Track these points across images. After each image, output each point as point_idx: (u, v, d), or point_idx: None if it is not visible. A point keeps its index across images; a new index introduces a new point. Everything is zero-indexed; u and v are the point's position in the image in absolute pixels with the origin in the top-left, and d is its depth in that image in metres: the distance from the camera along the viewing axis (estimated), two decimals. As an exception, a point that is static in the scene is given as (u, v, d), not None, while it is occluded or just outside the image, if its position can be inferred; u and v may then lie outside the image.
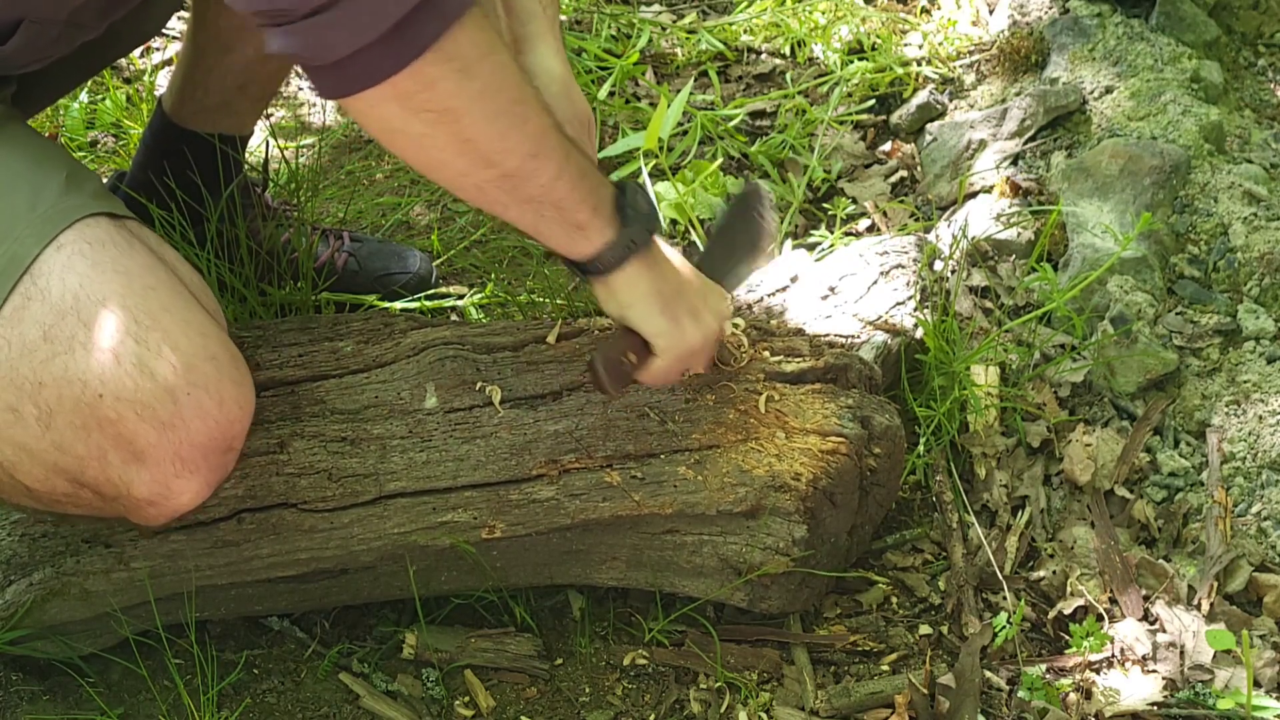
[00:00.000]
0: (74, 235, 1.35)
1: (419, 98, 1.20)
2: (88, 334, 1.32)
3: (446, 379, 1.65)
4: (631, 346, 1.52)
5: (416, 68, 1.17)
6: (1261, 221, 2.15)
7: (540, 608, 1.77)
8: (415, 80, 1.18)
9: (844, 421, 1.67)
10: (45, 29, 1.44)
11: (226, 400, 1.38)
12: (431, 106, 1.21)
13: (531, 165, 1.31)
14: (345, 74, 1.17)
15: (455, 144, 1.26)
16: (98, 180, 1.47)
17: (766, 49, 2.78)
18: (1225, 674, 1.64)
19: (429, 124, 1.23)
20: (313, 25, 1.13)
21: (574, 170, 1.35)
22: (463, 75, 1.20)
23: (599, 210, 1.40)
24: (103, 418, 1.33)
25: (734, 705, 1.66)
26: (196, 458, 1.38)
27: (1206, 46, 2.50)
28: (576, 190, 1.36)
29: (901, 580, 1.83)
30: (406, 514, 1.58)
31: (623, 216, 1.42)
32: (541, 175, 1.32)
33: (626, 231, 1.42)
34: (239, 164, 1.94)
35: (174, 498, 1.39)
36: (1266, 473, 1.86)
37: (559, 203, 1.36)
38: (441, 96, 1.21)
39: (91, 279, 1.34)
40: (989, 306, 2.15)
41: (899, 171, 2.51)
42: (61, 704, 1.61)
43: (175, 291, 1.38)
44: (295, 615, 1.73)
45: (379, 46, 1.15)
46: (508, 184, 1.32)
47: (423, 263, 2.15)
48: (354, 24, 1.13)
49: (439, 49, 1.17)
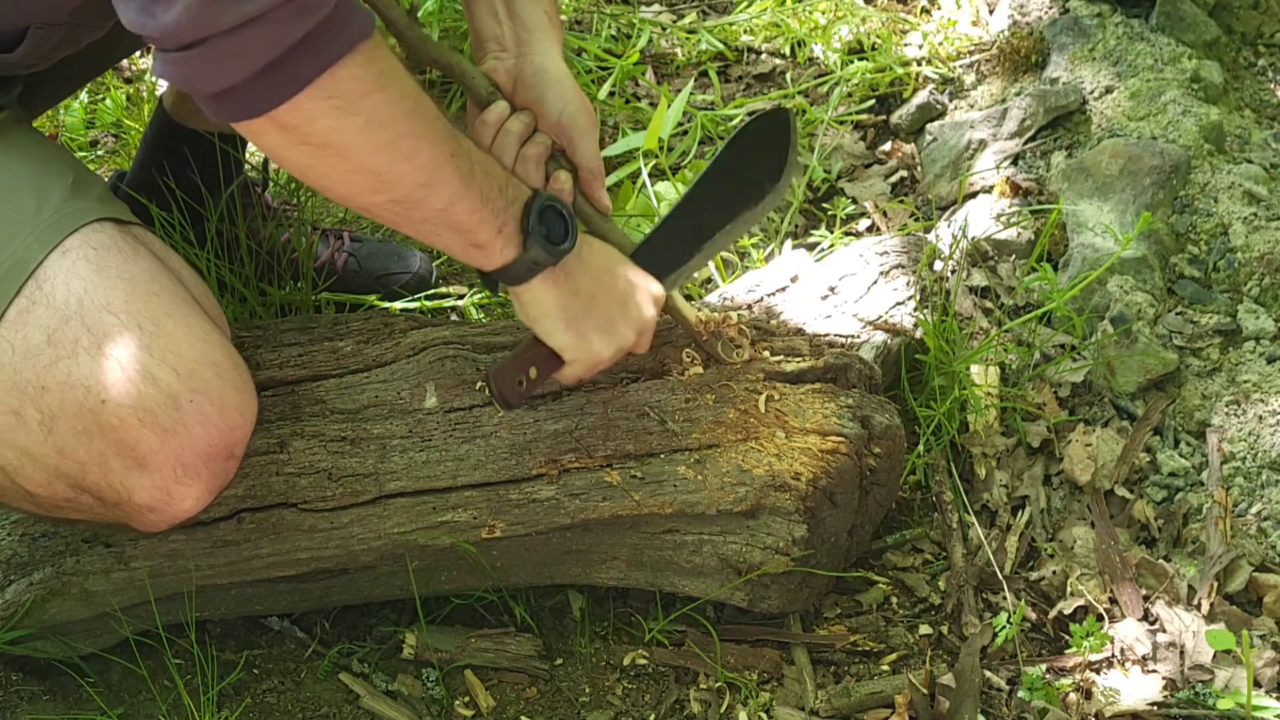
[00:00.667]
0: (79, 240, 1.35)
1: (298, 132, 1.21)
2: (91, 339, 1.32)
3: (446, 379, 1.65)
4: (535, 359, 1.54)
5: (293, 104, 1.17)
6: (1261, 221, 2.15)
7: (540, 608, 1.77)
8: (293, 116, 1.19)
9: (844, 421, 1.67)
10: (50, 32, 1.44)
11: (228, 407, 1.38)
12: (311, 140, 1.22)
13: (422, 194, 1.31)
14: (224, 104, 1.18)
15: (339, 174, 1.28)
16: (103, 185, 1.47)
17: (766, 49, 2.78)
18: (1225, 674, 1.64)
19: (310, 156, 1.24)
20: (184, 58, 1.14)
21: (473, 196, 1.35)
22: (342, 112, 1.20)
23: (502, 231, 1.40)
24: (105, 423, 1.33)
25: (734, 705, 1.66)
26: (198, 464, 1.38)
27: (1206, 46, 2.50)
28: (474, 214, 1.36)
29: (901, 580, 1.83)
30: (406, 514, 1.58)
31: (526, 239, 1.42)
32: (435, 201, 1.32)
33: (529, 255, 1.42)
34: (239, 163, 1.94)
35: (175, 504, 1.39)
36: (1266, 473, 1.86)
37: (455, 225, 1.36)
38: (320, 131, 1.21)
39: (96, 284, 1.34)
40: (989, 306, 2.15)
41: (899, 171, 2.51)
42: (61, 704, 1.61)
43: (179, 298, 1.38)
44: (295, 615, 1.73)
45: (253, 83, 1.15)
46: (398, 208, 1.33)
47: (423, 263, 2.15)
48: (223, 63, 1.14)
49: (317, 87, 1.17)
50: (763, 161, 1.69)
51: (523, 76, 1.55)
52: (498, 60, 1.56)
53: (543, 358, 1.54)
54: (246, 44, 1.12)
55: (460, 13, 2.59)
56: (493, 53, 1.57)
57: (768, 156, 1.69)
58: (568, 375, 1.56)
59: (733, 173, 1.67)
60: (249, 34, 1.12)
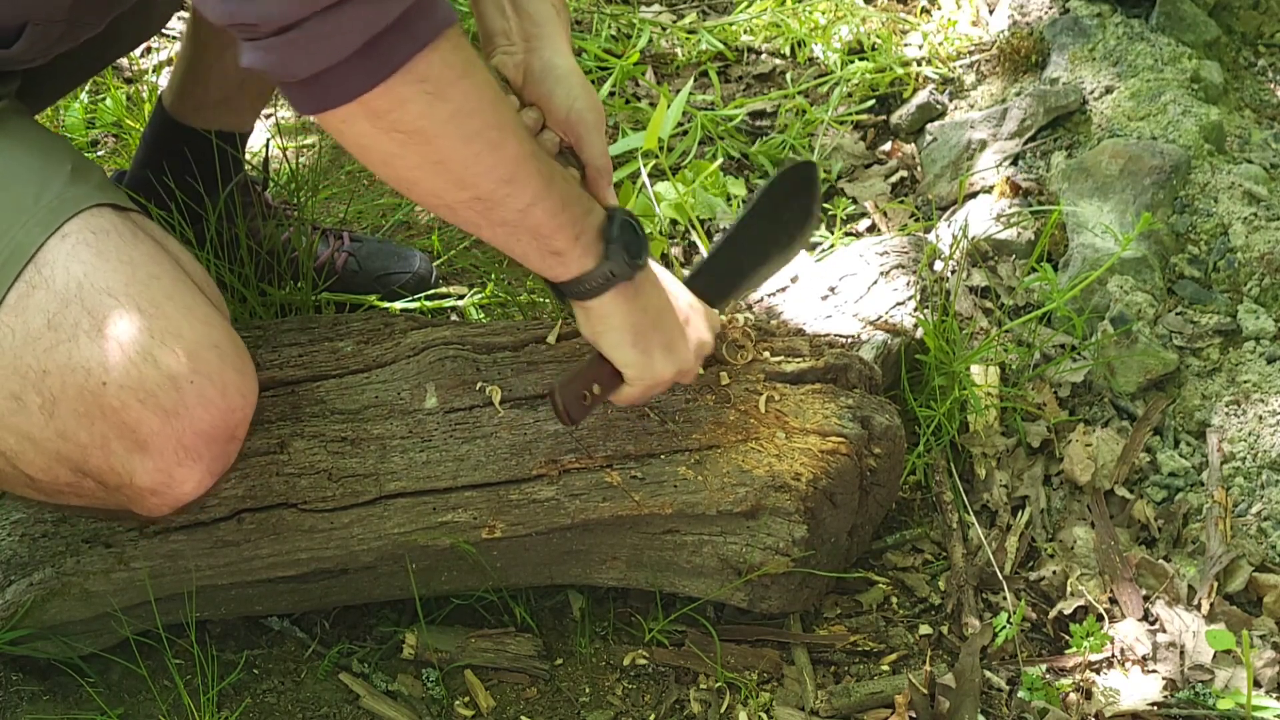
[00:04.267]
0: (79, 224, 1.35)
1: (389, 117, 1.20)
2: (92, 322, 1.32)
3: (446, 379, 1.65)
4: (599, 376, 1.52)
5: (386, 88, 1.16)
6: (1261, 221, 2.15)
7: (540, 608, 1.77)
8: (385, 100, 1.18)
9: (844, 421, 1.67)
10: (49, 28, 1.44)
11: (229, 389, 1.37)
12: (402, 127, 1.21)
13: (505, 190, 1.30)
14: (315, 91, 1.17)
15: (426, 165, 1.26)
16: (102, 173, 1.47)
17: (766, 49, 2.78)
18: (1225, 674, 1.64)
19: (399, 144, 1.23)
20: (281, 43, 1.13)
21: (555, 198, 1.34)
22: (434, 97, 1.20)
23: (580, 239, 1.39)
24: (106, 405, 1.32)
25: (734, 705, 1.66)
26: (199, 446, 1.37)
27: (1206, 46, 2.50)
28: (555, 218, 1.35)
29: (901, 580, 1.83)
30: (406, 514, 1.58)
31: (605, 248, 1.41)
32: (517, 201, 1.31)
33: (606, 264, 1.41)
34: (239, 162, 1.94)
35: (177, 486, 1.39)
36: (1266, 473, 1.86)
37: (535, 229, 1.35)
38: (412, 117, 1.20)
39: (96, 267, 1.34)
40: (989, 306, 2.15)
41: (899, 171, 2.51)
42: (61, 704, 1.61)
43: (179, 281, 1.38)
44: (295, 615, 1.73)
45: (347, 66, 1.15)
46: (480, 206, 1.32)
47: (423, 263, 2.14)
48: (320, 44, 1.13)
49: (410, 70, 1.17)
50: (793, 210, 1.71)
51: (531, 72, 1.54)
52: (506, 55, 1.56)
53: (605, 375, 1.52)
54: (343, 25, 1.12)
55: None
56: (501, 48, 1.56)
57: (797, 205, 1.71)
58: (625, 396, 1.55)
59: (766, 219, 1.69)
60: (345, 14, 1.11)
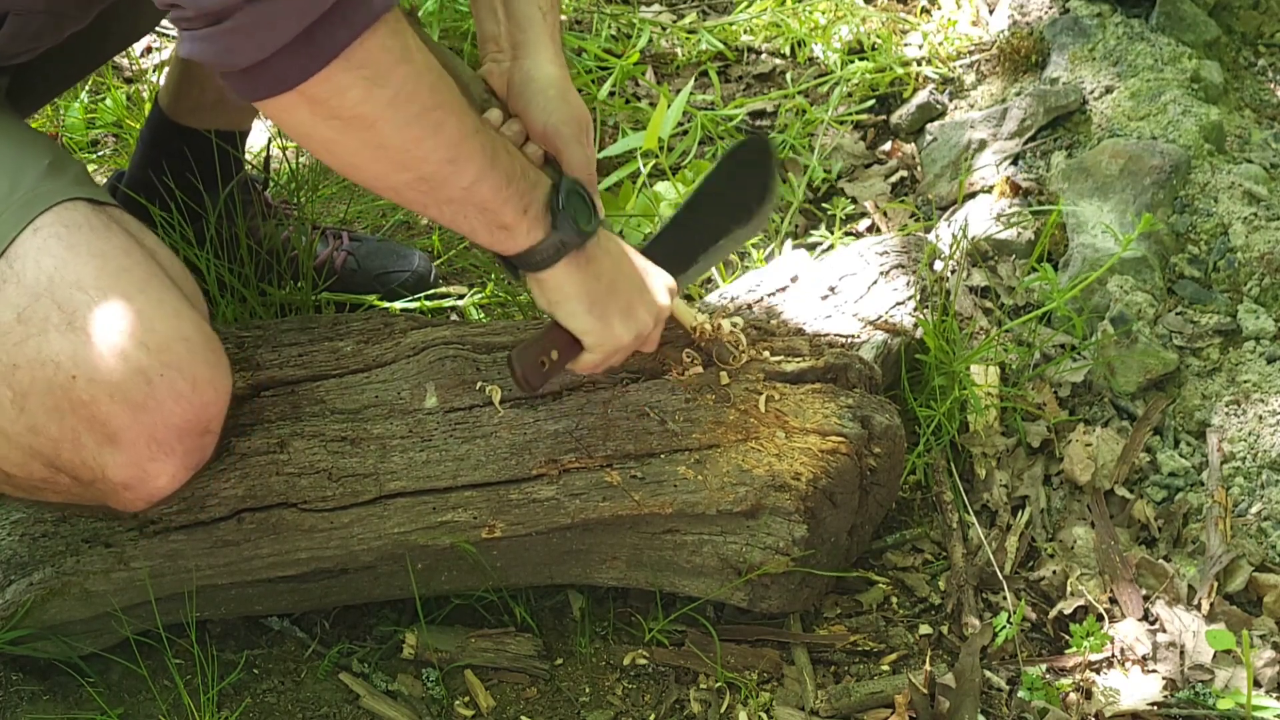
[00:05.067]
0: (51, 219, 1.35)
1: (328, 105, 1.21)
2: (61, 316, 1.32)
3: (446, 379, 1.65)
4: (556, 343, 1.54)
5: (324, 76, 1.17)
6: (1261, 221, 2.15)
7: (540, 608, 1.77)
8: (324, 88, 1.19)
9: (844, 421, 1.67)
10: (28, 20, 1.44)
11: (200, 382, 1.37)
12: (341, 114, 1.22)
13: (449, 170, 1.31)
14: (252, 80, 1.18)
15: (368, 149, 1.27)
16: (81, 167, 1.47)
17: (766, 49, 2.78)
18: (1225, 674, 1.64)
19: (339, 130, 1.24)
20: (215, 33, 1.14)
21: (499, 174, 1.35)
22: (372, 84, 1.21)
23: (527, 211, 1.40)
24: (76, 400, 1.32)
25: (734, 705, 1.66)
26: (171, 440, 1.37)
27: (1206, 46, 2.50)
28: (500, 193, 1.36)
29: (901, 580, 1.83)
30: (406, 514, 1.58)
31: (554, 218, 1.42)
32: (461, 179, 1.32)
33: (556, 234, 1.42)
34: (238, 161, 1.94)
35: (150, 480, 1.38)
36: (1266, 473, 1.86)
37: (481, 205, 1.36)
38: (351, 104, 1.21)
39: (66, 261, 1.33)
40: (989, 306, 2.15)
41: (899, 171, 2.51)
42: (61, 704, 1.61)
43: (150, 274, 1.38)
44: (295, 615, 1.73)
45: (284, 55, 1.16)
46: (425, 187, 1.33)
47: (422, 262, 2.14)
48: (255, 34, 1.14)
49: (347, 57, 1.18)
50: (749, 184, 1.72)
51: (513, 83, 1.54)
52: (495, 63, 1.56)
53: (564, 342, 1.54)
54: (277, 14, 1.13)
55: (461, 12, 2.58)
56: (491, 54, 1.57)
57: (753, 180, 1.72)
58: (585, 363, 1.56)
59: (721, 193, 1.70)
60: (279, 3, 1.12)
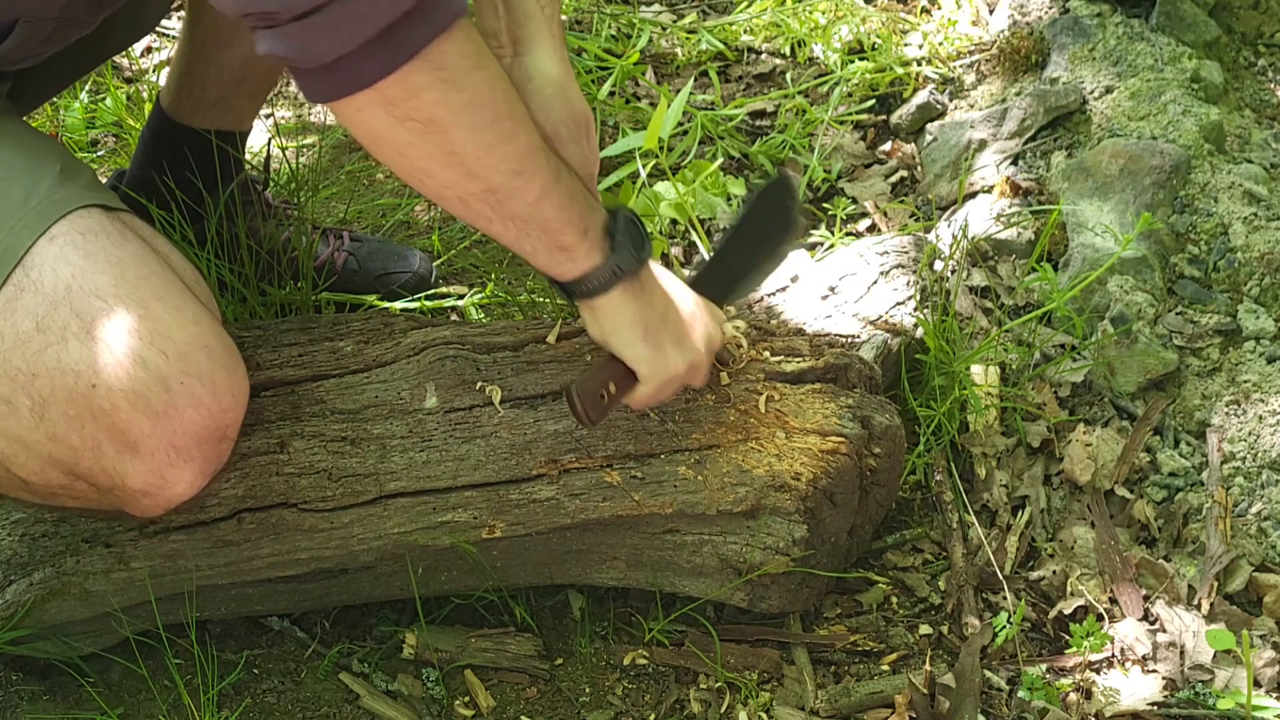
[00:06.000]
0: (66, 226, 1.35)
1: (404, 105, 1.21)
2: (80, 324, 1.32)
3: (446, 379, 1.65)
4: (613, 376, 1.53)
5: (402, 75, 1.18)
6: (1261, 221, 2.15)
7: (540, 608, 1.77)
8: (401, 88, 1.19)
9: (844, 421, 1.67)
10: (39, 27, 1.44)
11: (219, 388, 1.37)
12: (417, 115, 1.22)
13: (517, 182, 1.31)
14: (331, 78, 1.18)
15: (440, 154, 1.27)
16: (92, 173, 1.47)
17: (766, 49, 2.78)
18: (1225, 674, 1.64)
19: (414, 133, 1.23)
20: (299, 29, 1.14)
21: (562, 191, 1.36)
22: (449, 86, 1.21)
23: (587, 234, 1.40)
24: (96, 408, 1.32)
25: (734, 705, 1.66)
26: (190, 447, 1.37)
27: (1206, 46, 2.50)
28: (564, 212, 1.36)
29: (901, 580, 1.83)
30: (406, 514, 1.58)
31: (611, 243, 1.42)
32: (527, 193, 1.33)
33: (613, 258, 1.42)
34: (239, 161, 1.94)
35: (169, 487, 1.39)
36: (1266, 473, 1.86)
37: (544, 223, 1.36)
38: (427, 105, 1.21)
39: (84, 269, 1.34)
40: (989, 306, 2.15)
41: (899, 171, 2.51)
42: (61, 704, 1.61)
43: (168, 281, 1.38)
44: (295, 615, 1.73)
45: (365, 52, 1.16)
46: (492, 199, 1.32)
47: (422, 262, 2.14)
48: (339, 29, 1.14)
49: (425, 57, 1.18)
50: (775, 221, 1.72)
51: (514, 79, 1.53)
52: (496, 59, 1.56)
53: (619, 375, 1.53)
54: (363, 10, 1.13)
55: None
56: (492, 50, 1.57)
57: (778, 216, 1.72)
58: (639, 397, 1.55)
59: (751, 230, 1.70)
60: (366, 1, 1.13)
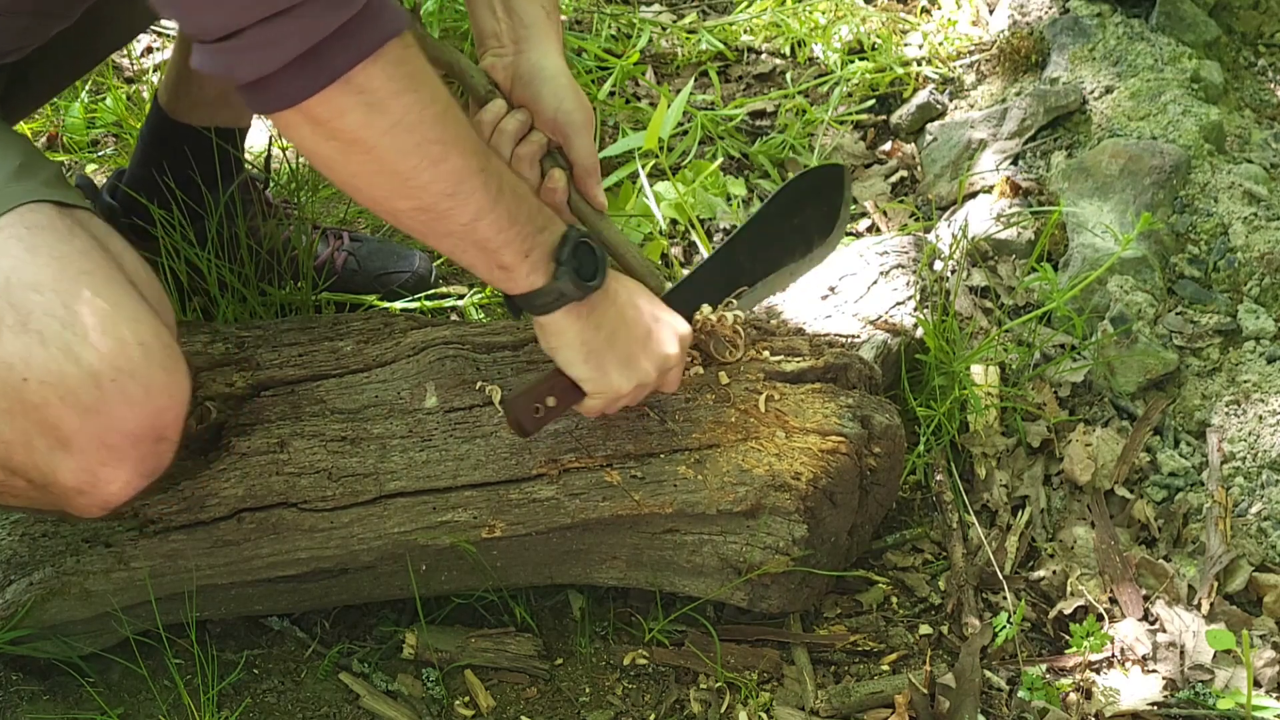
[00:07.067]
0: (13, 220, 1.34)
1: (328, 126, 1.23)
2: (16, 317, 1.30)
3: (446, 379, 1.65)
4: (554, 389, 1.53)
5: (324, 96, 1.20)
6: (1261, 221, 2.15)
7: (540, 608, 1.77)
8: (324, 108, 1.22)
9: (844, 421, 1.67)
10: (13, 19, 1.44)
11: (154, 388, 1.34)
12: (340, 136, 1.24)
13: (448, 204, 1.32)
14: (258, 95, 1.22)
15: (366, 174, 1.29)
16: (56, 169, 1.46)
17: (766, 49, 2.78)
18: (1225, 674, 1.64)
19: (340, 151, 1.26)
20: (225, 49, 1.18)
21: (501, 214, 1.35)
22: (372, 109, 1.23)
23: (528, 256, 1.40)
24: (27, 402, 1.31)
25: (734, 705, 1.66)
26: (124, 446, 1.35)
27: (1206, 46, 2.50)
28: (502, 234, 1.37)
29: (901, 580, 1.83)
30: (406, 513, 1.58)
31: (556, 268, 1.42)
32: (460, 215, 1.33)
33: (556, 285, 1.42)
34: (239, 160, 1.94)
35: (102, 486, 1.36)
36: (1266, 473, 1.86)
37: (480, 243, 1.37)
38: (350, 128, 1.24)
39: (25, 262, 1.33)
40: (989, 306, 2.15)
41: (899, 171, 2.51)
42: (61, 704, 1.61)
43: (110, 279, 1.36)
44: (295, 615, 1.73)
45: (287, 73, 1.19)
46: (424, 217, 1.34)
47: (422, 262, 2.14)
48: (260, 52, 1.18)
49: (348, 81, 1.20)
50: (813, 214, 1.67)
51: (519, 74, 1.56)
52: (496, 57, 1.57)
53: (562, 388, 1.53)
54: (281, 35, 1.16)
55: (461, 12, 2.58)
56: (492, 49, 1.58)
57: (818, 210, 1.66)
58: (588, 407, 1.56)
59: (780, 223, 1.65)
60: (283, 25, 1.16)
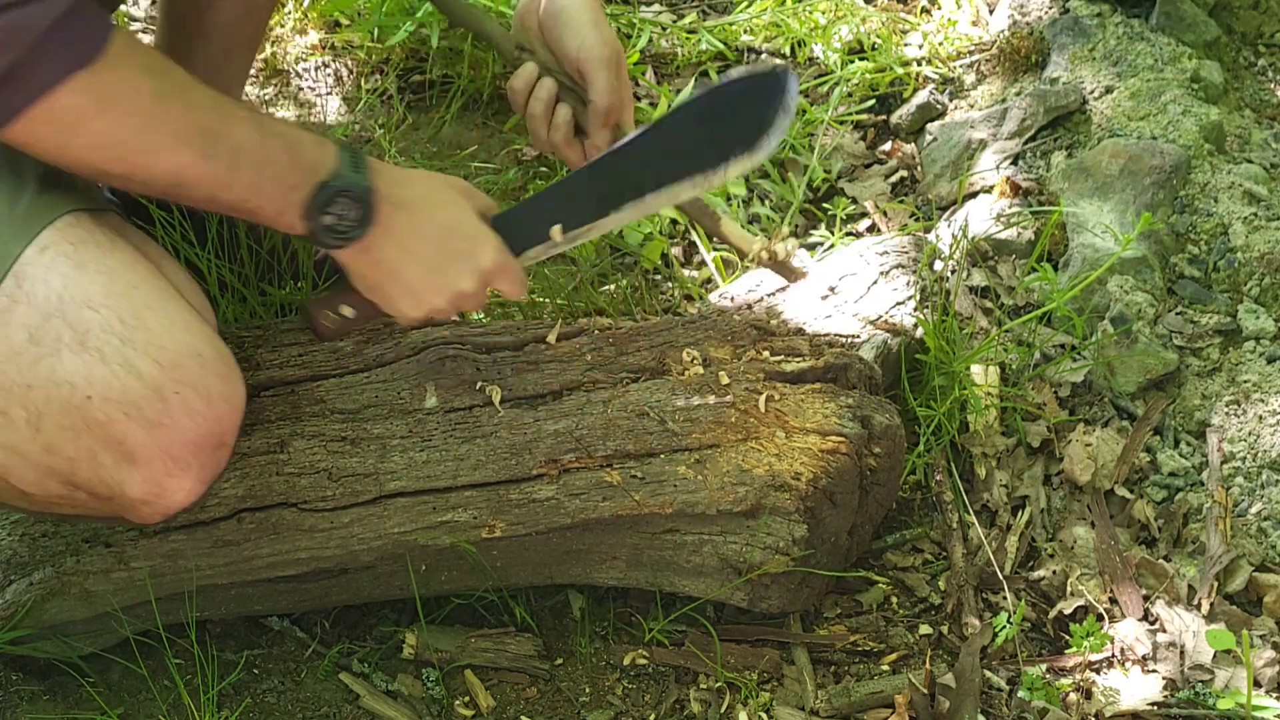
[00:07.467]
0: (56, 235, 1.35)
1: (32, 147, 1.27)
2: (73, 335, 1.32)
3: (446, 379, 1.65)
4: (350, 301, 1.58)
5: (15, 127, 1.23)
6: (1261, 221, 2.15)
7: (540, 608, 1.77)
8: (20, 135, 1.25)
9: (844, 421, 1.67)
10: None
11: (214, 397, 1.38)
12: (45, 154, 1.29)
13: (177, 192, 1.36)
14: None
15: (90, 174, 1.36)
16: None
17: (766, 49, 2.78)
18: (1225, 674, 1.64)
19: (56, 159, 1.31)
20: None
21: (240, 187, 1.37)
22: (62, 133, 1.26)
23: (285, 214, 1.41)
24: (91, 419, 1.33)
25: (734, 705, 1.66)
26: (187, 455, 1.38)
27: (1206, 46, 2.50)
28: (248, 204, 1.39)
29: (901, 580, 1.83)
30: (406, 513, 1.58)
31: (314, 223, 1.43)
32: (194, 196, 1.37)
33: (321, 236, 1.44)
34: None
35: (168, 496, 1.39)
36: (1266, 473, 1.86)
37: (230, 208, 1.40)
38: (50, 149, 1.28)
39: (74, 279, 1.34)
40: (989, 306, 2.15)
41: (899, 171, 2.51)
42: (61, 704, 1.61)
43: (159, 289, 1.38)
44: (295, 615, 1.73)
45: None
46: (167, 197, 1.41)
47: (422, 262, 2.14)
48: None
49: (29, 117, 1.22)
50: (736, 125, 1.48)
51: (546, 19, 1.59)
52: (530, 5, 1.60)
53: (360, 303, 1.57)
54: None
55: None
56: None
57: (744, 120, 1.48)
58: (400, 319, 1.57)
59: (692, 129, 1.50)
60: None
